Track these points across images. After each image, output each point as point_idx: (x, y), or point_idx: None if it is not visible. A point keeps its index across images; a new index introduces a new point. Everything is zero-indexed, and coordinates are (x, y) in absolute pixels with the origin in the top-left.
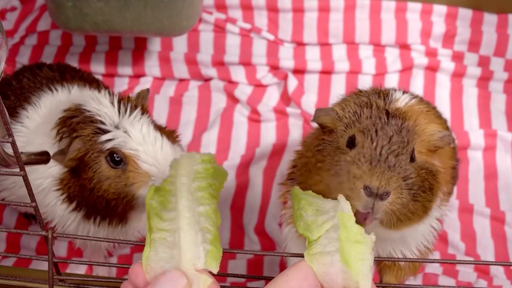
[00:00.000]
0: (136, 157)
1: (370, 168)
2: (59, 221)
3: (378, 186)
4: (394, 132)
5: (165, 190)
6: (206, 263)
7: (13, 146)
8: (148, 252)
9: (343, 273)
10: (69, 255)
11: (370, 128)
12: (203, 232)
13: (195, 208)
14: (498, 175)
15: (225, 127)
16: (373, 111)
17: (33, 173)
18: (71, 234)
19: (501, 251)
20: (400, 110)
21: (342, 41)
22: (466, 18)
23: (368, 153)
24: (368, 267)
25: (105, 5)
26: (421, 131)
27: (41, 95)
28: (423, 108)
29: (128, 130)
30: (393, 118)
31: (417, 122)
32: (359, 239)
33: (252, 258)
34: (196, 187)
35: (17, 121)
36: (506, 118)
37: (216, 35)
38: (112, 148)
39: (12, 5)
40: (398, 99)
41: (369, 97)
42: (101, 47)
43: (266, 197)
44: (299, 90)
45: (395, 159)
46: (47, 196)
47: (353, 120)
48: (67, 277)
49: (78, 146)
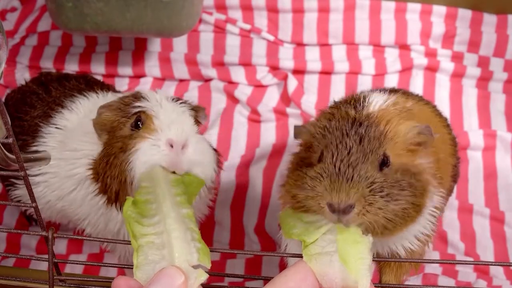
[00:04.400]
0: (154, 117)
1: (330, 184)
2: (89, 218)
3: (338, 202)
4: (354, 143)
5: (141, 201)
6: (199, 258)
7: (13, 146)
8: (137, 258)
9: (342, 273)
10: (68, 252)
11: (332, 142)
12: (191, 232)
13: (179, 210)
14: (498, 175)
15: (225, 128)
16: (339, 122)
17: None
18: (71, 234)
19: (500, 251)
20: (371, 116)
21: (341, 41)
22: (466, 18)
23: (328, 169)
24: (367, 266)
25: (105, 5)
26: (393, 134)
27: (75, 101)
28: (400, 107)
29: (163, 103)
30: (359, 127)
31: (388, 126)
32: (357, 239)
33: (251, 258)
34: (175, 193)
35: (50, 124)
36: (506, 118)
37: (216, 36)
38: (139, 111)
39: (12, 6)
40: (371, 104)
41: (340, 107)
42: (101, 48)
43: (266, 197)
44: (299, 90)
45: (354, 171)
46: (80, 188)
47: (323, 134)
48: (68, 277)
49: (104, 111)
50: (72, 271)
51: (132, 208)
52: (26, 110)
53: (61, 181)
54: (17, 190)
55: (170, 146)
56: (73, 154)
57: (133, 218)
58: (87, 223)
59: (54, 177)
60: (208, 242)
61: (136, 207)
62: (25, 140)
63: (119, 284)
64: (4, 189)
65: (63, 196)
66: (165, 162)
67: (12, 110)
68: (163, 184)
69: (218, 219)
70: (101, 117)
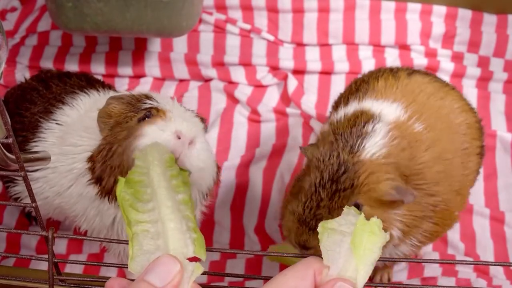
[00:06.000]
0: (168, 111)
1: (298, 227)
2: (85, 214)
3: (300, 243)
4: (326, 197)
5: (135, 181)
6: (194, 251)
7: (13, 146)
8: (132, 248)
9: (346, 256)
10: (68, 252)
11: (312, 185)
12: (186, 220)
13: (174, 197)
14: (498, 176)
15: (225, 128)
16: (328, 165)
17: (67, 158)
18: (71, 234)
19: (500, 252)
20: (358, 164)
21: (341, 41)
22: (466, 18)
23: (299, 212)
24: (373, 260)
25: (105, 5)
26: (369, 188)
27: (76, 97)
28: (390, 160)
29: (175, 104)
30: (339, 178)
31: (368, 179)
32: (374, 231)
33: (251, 258)
34: (170, 175)
35: (51, 120)
36: (506, 118)
37: (216, 36)
38: (150, 107)
39: (13, 6)
40: (365, 150)
41: (337, 142)
42: (101, 48)
43: (266, 197)
44: (299, 90)
45: (316, 223)
46: (77, 184)
47: (316, 166)
48: (68, 277)
49: (113, 102)
50: (72, 271)
51: (126, 189)
52: (26, 106)
53: (60, 176)
54: (17, 186)
55: (178, 137)
56: (73, 149)
57: (127, 200)
58: (84, 219)
59: (53, 172)
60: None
61: (129, 187)
62: (25, 136)
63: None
64: (4, 189)
65: (61, 192)
66: (170, 147)
67: (12, 107)
68: (157, 167)
69: (218, 219)
70: (108, 107)
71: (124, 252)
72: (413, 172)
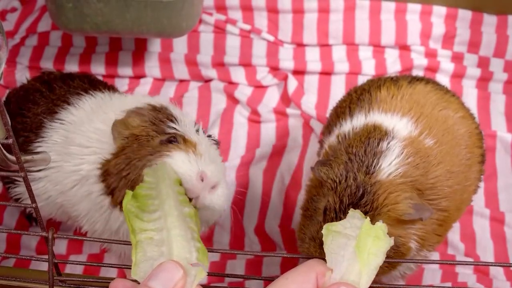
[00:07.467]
0: (195, 144)
1: (319, 251)
2: (89, 215)
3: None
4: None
5: (142, 195)
6: (198, 257)
7: (13, 147)
8: (136, 255)
9: (350, 260)
10: (68, 252)
11: (332, 210)
12: (191, 231)
13: (181, 209)
14: (498, 176)
15: (225, 128)
16: (345, 187)
17: (73, 158)
18: (71, 235)
19: (500, 252)
20: (375, 187)
21: (341, 42)
22: (466, 19)
23: (320, 238)
24: (376, 265)
25: (105, 6)
26: (389, 209)
27: (81, 98)
28: (408, 179)
29: (200, 134)
30: (360, 199)
31: (387, 201)
32: (379, 235)
33: (252, 258)
34: (178, 191)
35: (55, 119)
36: (506, 119)
37: (216, 36)
38: (174, 132)
39: (13, 6)
40: (381, 170)
41: (352, 163)
42: (101, 48)
43: (266, 197)
44: (299, 91)
45: None
46: (82, 185)
47: (332, 187)
48: (68, 278)
49: (133, 116)
50: (72, 271)
51: (133, 202)
52: (29, 107)
53: (64, 176)
54: (17, 187)
55: (201, 178)
56: (81, 150)
57: (132, 212)
58: (86, 220)
59: (57, 172)
60: (208, 242)
61: (136, 201)
62: (28, 136)
63: (116, 286)
64: (4, 190)
65: (65, 191)
66: (189, 184)
67: (14, 107)
68: (167, 181)
69: (218, 219)
70: (128, 119)
71: (125, 255)
72: (427, 187)
